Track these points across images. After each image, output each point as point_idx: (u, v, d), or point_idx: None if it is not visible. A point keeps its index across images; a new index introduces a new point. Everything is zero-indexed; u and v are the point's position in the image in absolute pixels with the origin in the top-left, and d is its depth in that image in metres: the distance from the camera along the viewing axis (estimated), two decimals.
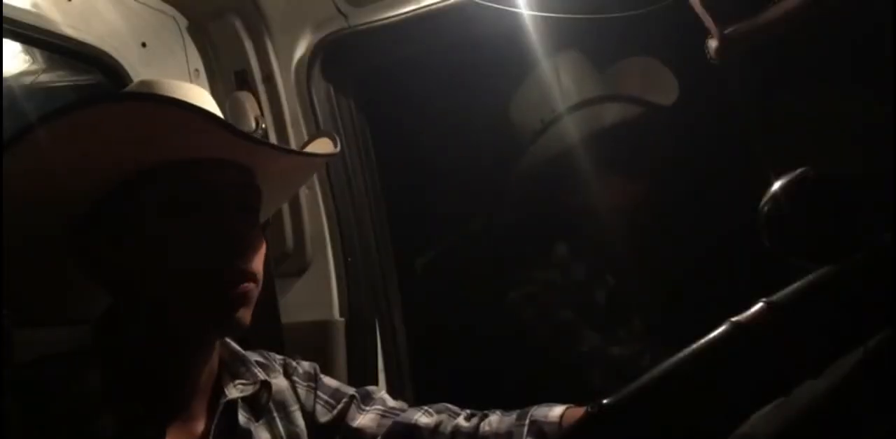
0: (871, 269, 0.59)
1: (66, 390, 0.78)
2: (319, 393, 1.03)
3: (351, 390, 1.05)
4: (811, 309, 0.58)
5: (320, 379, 1.05)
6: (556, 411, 0.95)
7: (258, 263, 0.85)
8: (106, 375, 0.80)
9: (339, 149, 1.02)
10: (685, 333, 0.63)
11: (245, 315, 0.83)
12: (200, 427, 0.87)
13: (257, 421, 0.93)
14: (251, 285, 0.83)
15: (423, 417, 1.01)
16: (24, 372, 0.79)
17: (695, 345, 0.58)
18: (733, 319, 0.58)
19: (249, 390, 0.93)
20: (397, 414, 1.02)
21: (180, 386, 0.86)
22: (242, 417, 0.91)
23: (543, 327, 1.59)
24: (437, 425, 0.99)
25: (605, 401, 0.58)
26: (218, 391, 0.91)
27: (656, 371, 0.58)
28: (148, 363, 0.84)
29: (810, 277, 0.59)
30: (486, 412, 1.02)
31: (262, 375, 0.95)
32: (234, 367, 0.95)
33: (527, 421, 0.95)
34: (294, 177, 1.08)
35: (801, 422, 0.59)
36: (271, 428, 0.95)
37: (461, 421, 1.00)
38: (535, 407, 0.98)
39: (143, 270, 0.82)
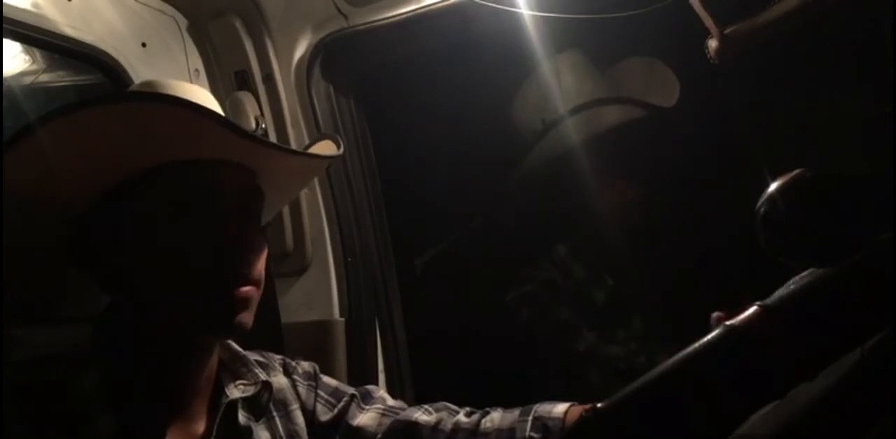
0: (867, 271, 0.58)
1: (66, 390, 0.78)
2: (320, 392, 1.03)
3: (351, 389, 1.06)
4: (805, 312, 0.57)
5: (320, 378, 1.05)
6: (560, 408, 0.95)
7: (260, 266, 0.85)
8: (106, 376, 0.80)
9: (342, 150, 1.02)
10: (682, 334, 0.63)
11: (246, 318, 0.82)
12: (201, 427, 0.87)
13: (257, 420, 0.94)
14: (252, 289, 0.82)
15: (422, 415, 1.01)
16: (24, 372, 0.79)
17: (689, 349, 0.58)
18: (727, 323, 0.58)
19: (251, 390, 0.93)
20: (397, 413, 1.02)
21: (180, 386, 0.86)
22: (242, 417, 0.91)
23: (542, 326, 1.59)
24: (438, 422, 1.00)
25: (599, 405, 0.58)
26: (218, 391, 0.91)
27: (650, 374, 0.58)
28: (148, 364, 0.84)
29: (805, 279, 0.59)
30: (486, 409, 1.02)
31: (263, 375, 0.95)
32: (234, 368, 0.95)
33: (530, 417, 0.95)
34: (295, 180, 1.08)
35: (800, 423, 0.59)
36: (271, 427, 0.95)
37: (461, 417, 1.00)
38: (538, 403, 0.98)
39: (143, 271, 0.81)
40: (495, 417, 0.99)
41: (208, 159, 0.83)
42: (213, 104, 0.92)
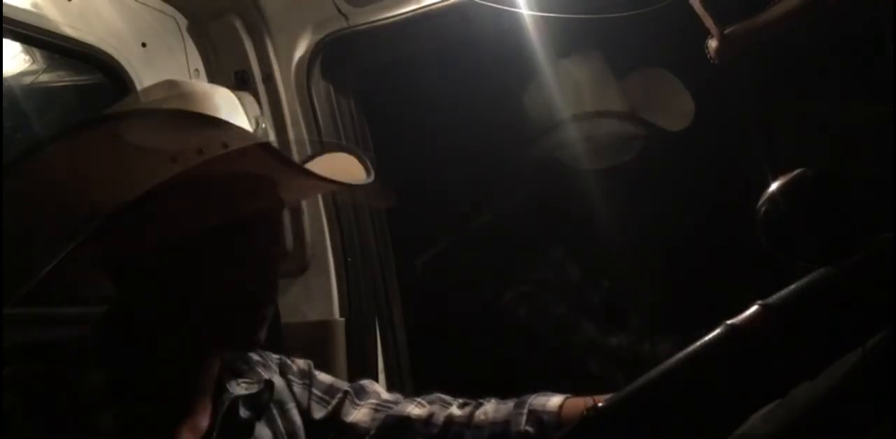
0: (868, 270, 0.59)
1: (71, 388, 0.78)
2: (314, 389, 1.03)
3: (345, 385, 1.06)
4: (807, 311, 0.58)
5: (314, 375, 1.05)
6: (555, 401, 0.95)
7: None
8: (113, 372, 0.80)
9: (371, 177, 1.01)
10: (682, 334, 0.63)
11: (263, 335, 0.87)
12: (203, 424, 0.87)
13: (259, 418, 0.94)
14: (272, 308, 0.88)
15: (415, 409, 1.01)
16: (28, 369, 0.79)
17: (690, 348, 0.58)
18: (728, 322, 0.58)
19: (253, 388, 0.93)
20: (390, 408, 1.02)
21: (185, 384, 0.87)
22: (244, 415, 0.91)
23: (541, 326, 1.59)
24: (430, 416, 1.00)
25: (600, 404, 0.58)
26: (220, 389, 0.91)
27: (652, 374, 0.58)
28: (156, 363, 0.84)
29: (806, 279, 0.59)
30: (480, 401, 1.02)
31: (265, 374, 0.96)
32: (236, 366, 0.95)
33: (525, 410, 0.95)
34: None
35: (800, 423, 0.59)
36: (271, 425, 0.96)
37: (454, 410, 1.00)
38: (532, 395, 0.98)
39: (193, 293, 0.83)
40: (489, 409, 0.99)
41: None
42: (239, 108, 0.94)
